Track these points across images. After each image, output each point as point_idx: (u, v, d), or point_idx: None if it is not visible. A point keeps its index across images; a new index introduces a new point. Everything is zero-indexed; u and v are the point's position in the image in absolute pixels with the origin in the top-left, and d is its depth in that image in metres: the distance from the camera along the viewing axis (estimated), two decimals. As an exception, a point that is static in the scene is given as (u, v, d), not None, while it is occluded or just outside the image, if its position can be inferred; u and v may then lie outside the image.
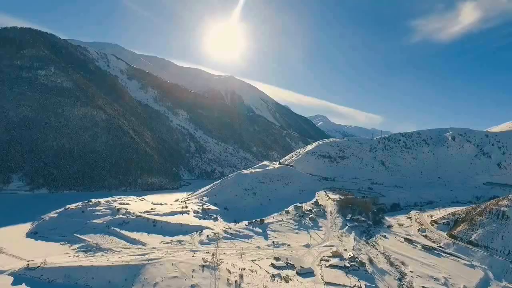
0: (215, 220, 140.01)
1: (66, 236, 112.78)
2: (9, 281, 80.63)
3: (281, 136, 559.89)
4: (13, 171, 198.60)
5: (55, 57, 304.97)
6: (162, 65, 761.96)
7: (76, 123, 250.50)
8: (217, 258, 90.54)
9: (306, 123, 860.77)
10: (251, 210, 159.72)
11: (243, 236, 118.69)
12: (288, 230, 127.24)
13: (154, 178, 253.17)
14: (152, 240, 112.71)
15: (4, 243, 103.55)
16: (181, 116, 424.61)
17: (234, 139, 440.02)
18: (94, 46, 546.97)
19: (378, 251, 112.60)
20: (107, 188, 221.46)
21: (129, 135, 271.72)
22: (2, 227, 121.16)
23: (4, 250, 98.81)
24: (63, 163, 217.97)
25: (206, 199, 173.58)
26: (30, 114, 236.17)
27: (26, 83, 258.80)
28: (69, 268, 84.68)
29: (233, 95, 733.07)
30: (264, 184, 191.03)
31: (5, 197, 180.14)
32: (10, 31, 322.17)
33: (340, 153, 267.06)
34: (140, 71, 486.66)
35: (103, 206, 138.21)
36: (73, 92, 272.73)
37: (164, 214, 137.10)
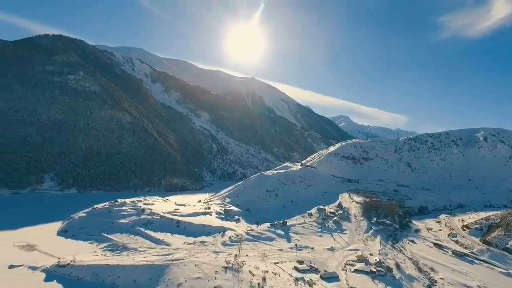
0: (237, 222, 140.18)
1: (94, 235, 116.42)
2: (41, 277, 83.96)
3: (302, 137, 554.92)
4: (46, 171, 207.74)
5: (83, 62, 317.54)
6: (184, 68, 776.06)
7: (103, 125, 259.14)
8: (240, 260, 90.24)
9: (328, 124, 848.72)
10: (273, 211, 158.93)
11: (265, 238, 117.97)
12: (311, 233, 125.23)
13: (177, 179, 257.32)
14: (176, 240, 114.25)
15: (37, 240, 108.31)
16: (203, 117, 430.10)
17: (255, 140, 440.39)
18: (120, 50, 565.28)
19: (406, 256, 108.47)
20: (132, 188, 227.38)
21: (153, 136, 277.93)
22: (35, 225, 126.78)
23: (37, 247, 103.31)
24: (91, 164, 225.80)
25: (228, 200, 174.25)
26: (61, 117, 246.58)
27: (57, 87, 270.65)
28: (97, 267, 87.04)
29: (254, 96, 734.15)
30: (286, 186, 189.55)
31: (38, 196, 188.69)
32: (42, 38, 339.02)
33: (363, 154, 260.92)
34: (164, 74, 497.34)
35: (128, 206, 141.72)
36: (100, 95, 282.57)
37: (187, 215, 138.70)
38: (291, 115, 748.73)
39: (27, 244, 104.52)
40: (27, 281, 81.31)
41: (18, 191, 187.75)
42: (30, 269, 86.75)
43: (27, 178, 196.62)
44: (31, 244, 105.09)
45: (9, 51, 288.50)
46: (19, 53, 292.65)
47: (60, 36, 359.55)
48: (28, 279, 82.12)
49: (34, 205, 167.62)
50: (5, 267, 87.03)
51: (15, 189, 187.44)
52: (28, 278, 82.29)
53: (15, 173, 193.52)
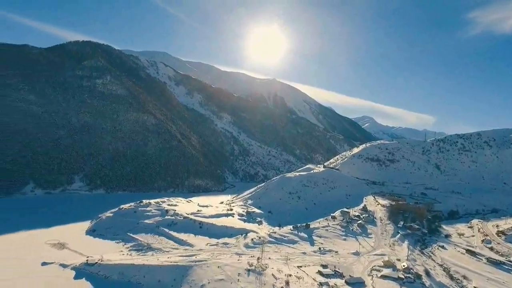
0: (260, 224, 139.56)
1: (120, 235, 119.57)
2: (71, 275, 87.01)
3: (325, 138, 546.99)
4: (75, 172, 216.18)
5: (110, 67, 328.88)
6: (206, 70, 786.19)
7: (129, 127, 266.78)
8: (263, 263, 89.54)
9: (351, 125, 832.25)
10: (296, 214, 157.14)
11: (288, 241, 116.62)
12: (335, 236, 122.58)
13: (200, 180, 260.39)
14: (199, 241, 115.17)
15: (68, 239, 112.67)
16: (225, 119, 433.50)
17: (277, 142, 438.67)
18: (144, 54, 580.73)
19: (436, 263, 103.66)
20: (156, 189, 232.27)
21: (176, 138, 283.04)
22: (66, 224, 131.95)
23: (67, 246, 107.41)
24: (118, 165, 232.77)
25: (250, 202, 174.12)
26: (89, 120, 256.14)
27: (86, 91, 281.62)
28: (123, 266, 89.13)
29: (275, 97, 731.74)
30: (308, 188, 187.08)
31: (68, 196, 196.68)
32: (73, 44, 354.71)
33: (389, 156, 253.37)
34: (187, 77, 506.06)
35: (153, 207, 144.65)
36: (126, 98, 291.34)
37: (210, 216, 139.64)
38: (313, 116, 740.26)
39: (58, 243, 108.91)
40: (58, 278, 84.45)
41: (50, 191, 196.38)
42: (61, 267, 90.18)
43: (58, 178, 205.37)
44: (62, 242, 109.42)
45: (42, 58, 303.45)
46: (52, 59, 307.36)
47: (89, 42, 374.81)
48: (59, 276, 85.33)
49: (64, 205, 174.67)
50: (39, 264, 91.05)
51: (48, 189, 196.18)
52: (59, 275, 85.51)
53: (48, 174, 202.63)
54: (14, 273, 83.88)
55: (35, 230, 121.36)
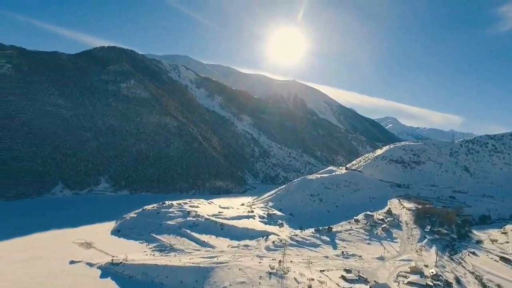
0: (281, 226, 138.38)
1: (143, 235, 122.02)
2: (98, 273, 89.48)
3: (346, 139, 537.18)
4: (101, 174, 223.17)
5: (134, 71, 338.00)
6: (226, 73, 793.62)
7: (151, 129, 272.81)
8: (284, 266, 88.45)
9: (374, 126, 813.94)
10: (317, 216, 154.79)
11: (310, 244, 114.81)
12: (358, 240, 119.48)
13: (221, 182, 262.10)
14: (220, 243, 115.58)
15: (94, 238, 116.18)
16: (245, 121, 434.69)
17: (297, 144, 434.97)
18: (166, 58, 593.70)
19: (466, 270, 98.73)
20: (178, 190, 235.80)
21: (198, 140, 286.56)
22: (92, 224, 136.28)
23: (94, 245, 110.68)
24: (141, 167, 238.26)
25: (271, 204, 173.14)
26: (114, 123, 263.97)
27: (111, 95, 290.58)
28: (147, 266, 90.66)
29: (296, 99, 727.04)
30: (330, 190, 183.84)
31: (95, 197, 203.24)
32: (99, 50, 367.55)
33: (414, 157, 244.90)
34: (207, 80, 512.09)
35: (175, 208, 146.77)
36: (149, 101, 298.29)
37: (231, 218, 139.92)
38: (334, 117, 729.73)
39: (85, 242, 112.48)
40: (85, 276, 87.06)
41: (78, 191, 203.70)
42: (88, 265, 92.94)
43: (85, 180, 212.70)
44: (89, 241, 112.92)
45: (71, 64, 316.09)
46: (80, 64, 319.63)
47: (114, 47, 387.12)
48: (86, 275, 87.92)
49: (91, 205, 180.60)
50: (67, 262, 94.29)
51: (75, 190, 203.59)
52: (86, 274, 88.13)
53: (76, 175, 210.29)
54: (44, 271, 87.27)
55: (64, 229, 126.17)
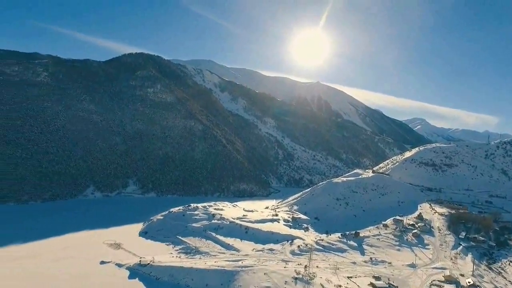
0: (306, 230, 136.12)
1: (170, 237, 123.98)
2: (126, 274, 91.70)
3: (373, 142, 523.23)
4: (129, 176, 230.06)
5: (160, 76, 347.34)
6: (250, 76, 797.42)
7: (177, 133, 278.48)
8: (310, 271, 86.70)
9: (401, 128, 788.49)
10: (344, 221, 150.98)
11: (336, 249, 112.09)
12: (387, 246, 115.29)
13: (245, 185, 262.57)
14: (245, 246, 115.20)
15: (123, 239, 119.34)
16: (269, 124, 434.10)
17: (322, 146, 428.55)
18: (191, 63, 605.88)
19: (507, 281, 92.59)
20: (203, 193, 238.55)
21: (222, 143, 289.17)
22: (121, 225, 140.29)
23: (122, 246, 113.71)
24: (167, 170, 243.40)
25: (295, 208, 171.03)
26: (141, 127, 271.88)
27: (139, 100, 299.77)
28: (173, 268, 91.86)
29: (320, 101, 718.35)
30: (357, 194, 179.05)
31: (123, 199, 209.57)
32: (127, 57, 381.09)
33: (446, 160, 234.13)
34: (231, 83, 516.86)
35: (200, 211, 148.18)
36: (175, 106, 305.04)
37: (255, 221, 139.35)
38: (360, 119, 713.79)
39: (114, 243, 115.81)
40: (114, 277, 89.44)
41: (108, 194, 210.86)
42: (117, 266, 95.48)
43: (114, 182, 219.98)
44: (118, 242, 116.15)
45: (101, 70, 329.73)
46: (109, 71, 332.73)
47: (142, 53, 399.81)
48: (115, 275, 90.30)
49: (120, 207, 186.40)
50: (97, 262, 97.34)
51: (106, 192, 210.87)
52: (115, 274, 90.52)
53: (106, 178, 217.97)
54: (76, 270, 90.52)
55: (95, 230, 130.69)
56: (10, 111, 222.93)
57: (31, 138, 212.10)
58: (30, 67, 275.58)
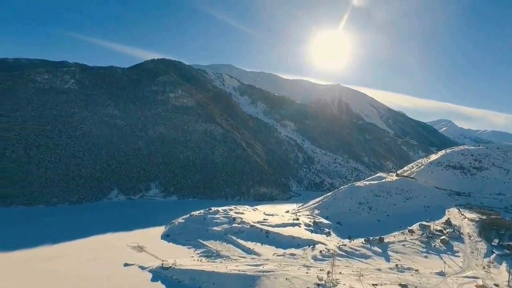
0: (328, 235, 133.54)
1: (191, 241, 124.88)
2: (149, 277, 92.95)
3: (396, 144, 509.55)
4: (152, 180, 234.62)
5: (181, 81, 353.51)
6: (269, 79, 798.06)
7: (198, 137, 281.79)
8: (333, 278, 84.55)
9: (426, 129, 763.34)
10: (367, 226, 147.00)
11: (360, 255, 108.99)
12: (414, 253, 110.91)
13: (265, 188, 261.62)
14: (265, 251, 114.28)
15: (145, 242, 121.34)
16: (289, 127, 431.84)
17: (343, 149, 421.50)
18: (211, 68, 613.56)
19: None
20: (224, 197, 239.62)
21: (242, 147, 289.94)
22: (144, 228, 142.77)
23: (145, 249, 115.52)
24: (188, 173, 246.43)
25: (317, 212, 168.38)
26: (163, 131, 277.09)
27: (161, 105, 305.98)
28: (194, 272, 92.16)
29: (340, 103, 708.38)
30: (380, 198, 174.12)
31: (146, 202, 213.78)
32: (149, 63, 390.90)
33: (475, 163, 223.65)
34: (251, 87, 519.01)
35: (221, 214, 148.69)
36: (195, 110, 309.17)
37: (276, 225, 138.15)
38: (382, 121, 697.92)
39: (137, 245, 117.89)
40: (138, 279, 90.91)
41: (131, 197, 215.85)
42: (140, 268, 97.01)
43: (137, 186, 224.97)
44: (141, 245, 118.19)
45: (125, 76, 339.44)
46: (132, 77, 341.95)
47: (163, 59, 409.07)
48: (138, 277, 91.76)
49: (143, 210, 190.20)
50: (121, 264, 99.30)
51: (129, 195, 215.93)
52: (138, 276, 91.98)
53: (129, 181, 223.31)
54: (101, 272, 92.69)
55: (119, 232, 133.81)
56: (41, 117, 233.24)
57: (60, 143, 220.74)
58: (58, 75, 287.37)
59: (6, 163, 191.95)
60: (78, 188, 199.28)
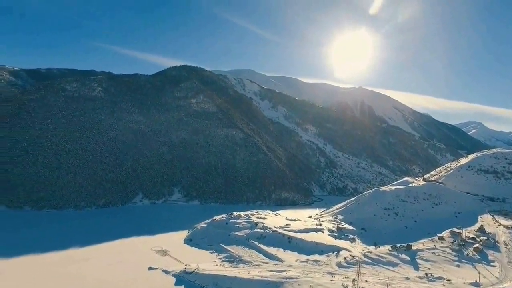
0: (352, 241, 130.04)
1: (213, 245, 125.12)
2: (172, 281, 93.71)
3: (422, 148, 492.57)
4: (175, 184, 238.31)
5: (203, 87, 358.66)
6: (289, 84, 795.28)
7: (219, 142, 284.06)
8: (359, 286, 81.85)
9: (454, 132, 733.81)
10: (393, 232, 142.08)
11: (386, 263, 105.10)
12: (444, 261, 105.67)
13: (287, 193, 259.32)
14: (288, 257, 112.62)
15: (169, 246, 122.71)
16: (310, 131, 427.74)
17: (366, 153, 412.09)
18: (231, 73, 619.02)
19: None
20: (245, 201, 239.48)
21: (263, 151, 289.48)
22: (167, 232, 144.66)
23: (169, 253, 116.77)
24: (210, 178, 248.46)
25: (340, 217, 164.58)
26: (186, 137, 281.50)
27: (183, 110, 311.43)
28: (217, 277, 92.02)
29: (363, 106, 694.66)
30: (407, 203, 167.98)
31: (169, 206, 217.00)
32: (172, 70, 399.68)
33: (510, 167, 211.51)
34: (271, 91, 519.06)
35: (243, 219, 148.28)
36: (217, 115, 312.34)
37: (299, 231, 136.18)
38: (407, 124, 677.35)
39: (161, 249, 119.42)
40: (162, 282, 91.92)
41: (155, 201, 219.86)
42: (164, 273, 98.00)
43: (161, 190, 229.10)
44: (164, 249, 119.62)
45: (148, 83, 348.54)
46: (155, 83, 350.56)
47: (185, 66, 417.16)
48: (162, 281, 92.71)
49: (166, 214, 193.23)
50: (145, 268, 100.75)
51: (153, 200, 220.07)
52: (162, 281, 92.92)
53: (153, 186, 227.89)
54: (125, 276, 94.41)
55: (143, 236, 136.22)
56: (70, 124, 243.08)
57: (87, 149, 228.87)
58: (86, 83, 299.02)
59: (39, 168, 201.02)
60: (105, 193, 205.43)
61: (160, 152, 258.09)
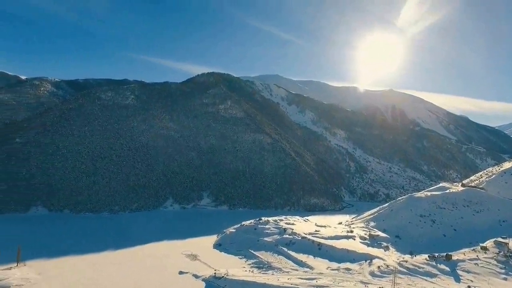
0: (386, 250, 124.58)
1: (242, 251, 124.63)
2: (202, 285, 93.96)
3: (459, 152, 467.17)
4: (203, 189, 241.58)
5: (230, 93, 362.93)
6: (317, 88, 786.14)
7: (247, 147, 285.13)
8: (395, 297, 77.92)
9: (495, 135, 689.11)
10: (430, 241, 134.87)
11: (423, 273, 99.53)
12: (489, 273, 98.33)
13: (316, 198, 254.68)
14: (318, 264, 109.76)
15: (199, 251, 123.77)
16: (339, 135, 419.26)
17: (399, 158, 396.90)
18: (258, 79, 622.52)
19: None
20: (273, 207, 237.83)
21: (291, 156, 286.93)
22: (197, 237, 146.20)
23: (199, 257, 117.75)
24: (238, 183, 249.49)
25: (372, 224, 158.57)
26: (214, 142, 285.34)
27: (211, 116, 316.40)
28: (246, 283, 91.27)
29: (394, 109, 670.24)
30: (444, 210, 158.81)
31: (198, 211, 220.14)
32: (200, 76, 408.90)
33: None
34: (298, 96, 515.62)
35: (271, 225, 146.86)
36: (244, 121, 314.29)
37: (329, 238, 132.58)
38: (442, 127, 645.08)
39: (191, 254, 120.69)
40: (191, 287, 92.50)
41: (184, 206, 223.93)
42: (194, 277, 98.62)
43: (190, 195, 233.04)
44: (194, 254, 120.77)
45: (178, 90, 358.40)
46: (184, 90, 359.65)
47: (213, 73, 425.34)
48: (192, 286, 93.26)
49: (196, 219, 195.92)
50: (176, 272, 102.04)
51: (183, 204, 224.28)
52: (192, 285, 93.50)
53: (183, 191, 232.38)
54: (156, 280, 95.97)
55: (174, 241, 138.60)
56: (105, 131, 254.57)
57: (121, 155, 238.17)
58: (120, 92, 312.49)
59: (77, 173, 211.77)
60: (137, 197, 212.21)
61: (190, 158, 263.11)
